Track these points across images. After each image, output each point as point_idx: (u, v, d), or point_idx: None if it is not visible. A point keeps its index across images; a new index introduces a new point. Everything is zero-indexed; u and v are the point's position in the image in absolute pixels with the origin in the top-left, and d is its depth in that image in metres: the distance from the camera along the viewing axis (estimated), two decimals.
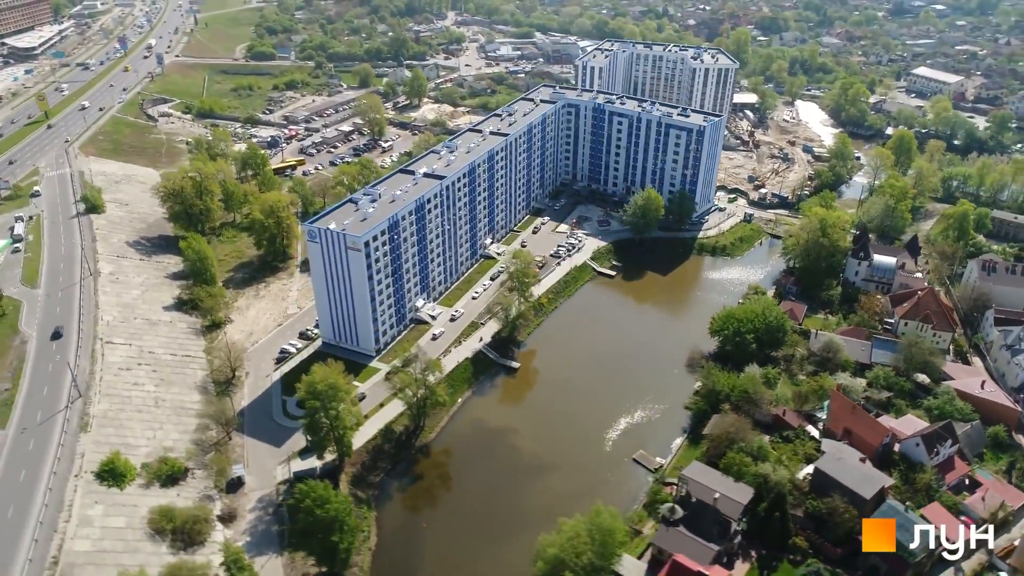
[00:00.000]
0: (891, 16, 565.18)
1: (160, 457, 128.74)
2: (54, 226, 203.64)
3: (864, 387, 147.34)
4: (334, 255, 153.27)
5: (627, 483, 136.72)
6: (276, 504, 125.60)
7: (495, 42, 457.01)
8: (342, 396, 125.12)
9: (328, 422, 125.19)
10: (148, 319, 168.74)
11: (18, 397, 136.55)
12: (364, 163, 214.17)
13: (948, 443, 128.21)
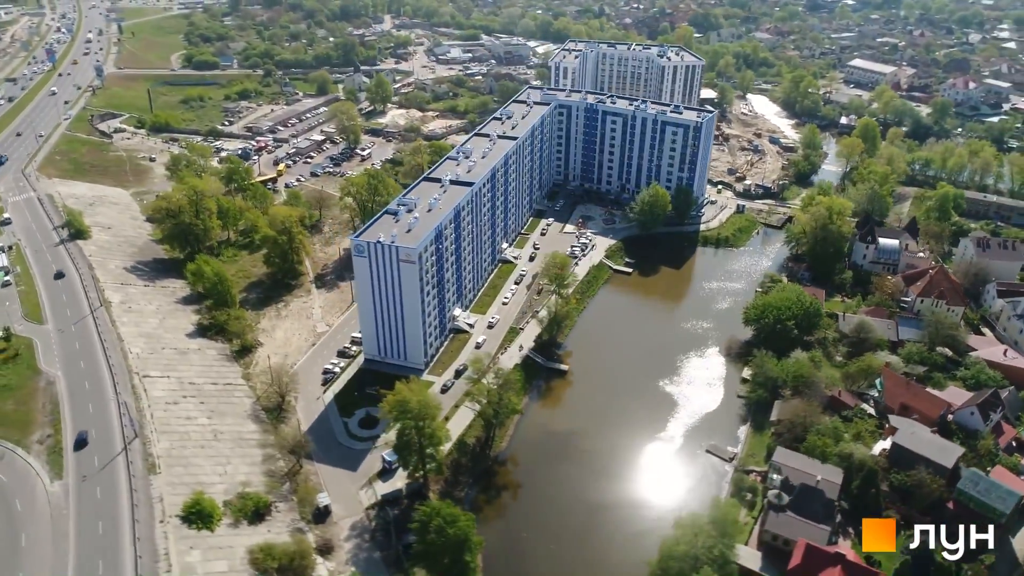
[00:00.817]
0: (808, 11, 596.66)
1: (239, 493, 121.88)
2: (39, 255, 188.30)
3: (903, 364, 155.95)
4: (384, 268, 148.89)
5: (706, 474, 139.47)
6: (371, 529, 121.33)
7: (443, 45, 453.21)
8: (434, 413, 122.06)
9: (420, 440, 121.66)
10: (176, 348, 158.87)
11: (65, 443, 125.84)
12: (372, 173, 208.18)
13: (999, 409, 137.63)
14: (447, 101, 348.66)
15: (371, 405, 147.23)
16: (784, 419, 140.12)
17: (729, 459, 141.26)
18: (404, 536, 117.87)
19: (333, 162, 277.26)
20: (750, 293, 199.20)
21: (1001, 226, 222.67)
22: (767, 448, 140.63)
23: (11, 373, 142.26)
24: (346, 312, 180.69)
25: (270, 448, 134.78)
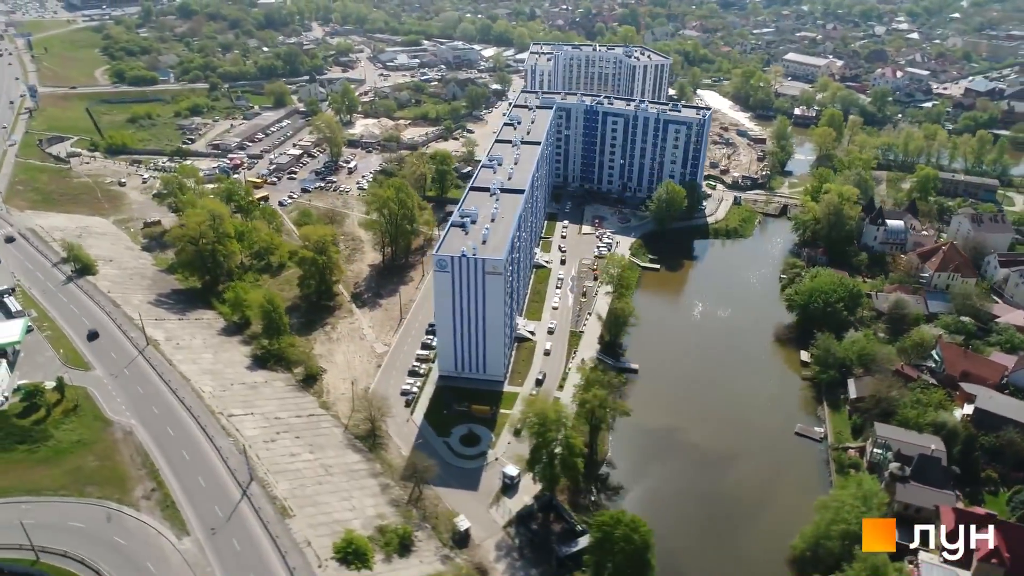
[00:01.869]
0: (722, 9, 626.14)
1: (377, 527, 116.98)
2: (51, 296, 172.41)
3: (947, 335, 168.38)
4: (468, 282, 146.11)
5: (803, 454, 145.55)
6: (517, 547, 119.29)
7: (387, 52, 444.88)
8: (567, 422, 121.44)
9: (558, 452, 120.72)
10: (244, 383, 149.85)
11: (175, 495, 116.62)
12: (398, 186, 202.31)
13: None
14: (413, 108, 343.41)
15: (469, 422, 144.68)
16: (867, 395, 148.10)
17: (819, 439, 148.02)
18: (561, 548, 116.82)
19: (319, 176, 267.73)
20: (773, 279, 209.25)
21: (973, 202, 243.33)
22: (851, 425, 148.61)
23: (79, 427, 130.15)
24: (399, 330, 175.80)
25: (382, 476, 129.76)
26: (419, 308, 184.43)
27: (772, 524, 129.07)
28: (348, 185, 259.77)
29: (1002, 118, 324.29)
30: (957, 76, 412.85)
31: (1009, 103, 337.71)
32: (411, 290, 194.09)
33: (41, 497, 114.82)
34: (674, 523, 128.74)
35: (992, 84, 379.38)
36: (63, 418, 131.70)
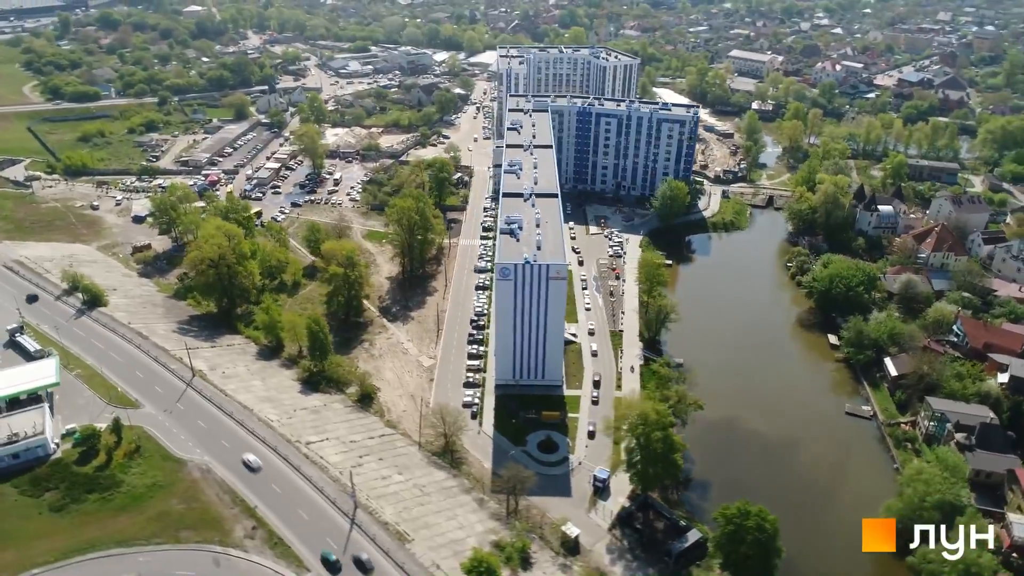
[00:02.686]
0: (653, 8, 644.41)
1: (492, 542, 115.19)
2: (66, 330, 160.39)
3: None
4: (531, 289, 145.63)
5: (858, 433, 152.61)
6: (628, 549, 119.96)
7: (336, 59, 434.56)
8: (671, 422, 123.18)
9: (658, 450, 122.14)
10: (305, 407, 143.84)
11: (283, 533, 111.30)
12: (417, 196, 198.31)
13: None
14: (382, 116, 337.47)
15: (541, 429, 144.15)
16: (909, 372, 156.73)
17: (869, 417, 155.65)
18: (673, 545, 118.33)
19: (304, 189, 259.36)
20: (777, 267, 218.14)
21: (941, 185, 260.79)
22: (896, 402, 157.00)
23: (149, 469, 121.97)
24: (440, 341, 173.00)
25: (474, 491, 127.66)
26: (452, 318, 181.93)
27: (849, 501, 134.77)
28: (338, 197, 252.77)
29: (939, 106, 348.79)
30: (885, 68, 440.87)
31: (943, 92, 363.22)
32: (439, 300, 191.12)
33: (134, 548, 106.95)
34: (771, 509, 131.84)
35: (921, 75, 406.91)
36: (127, 461, 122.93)
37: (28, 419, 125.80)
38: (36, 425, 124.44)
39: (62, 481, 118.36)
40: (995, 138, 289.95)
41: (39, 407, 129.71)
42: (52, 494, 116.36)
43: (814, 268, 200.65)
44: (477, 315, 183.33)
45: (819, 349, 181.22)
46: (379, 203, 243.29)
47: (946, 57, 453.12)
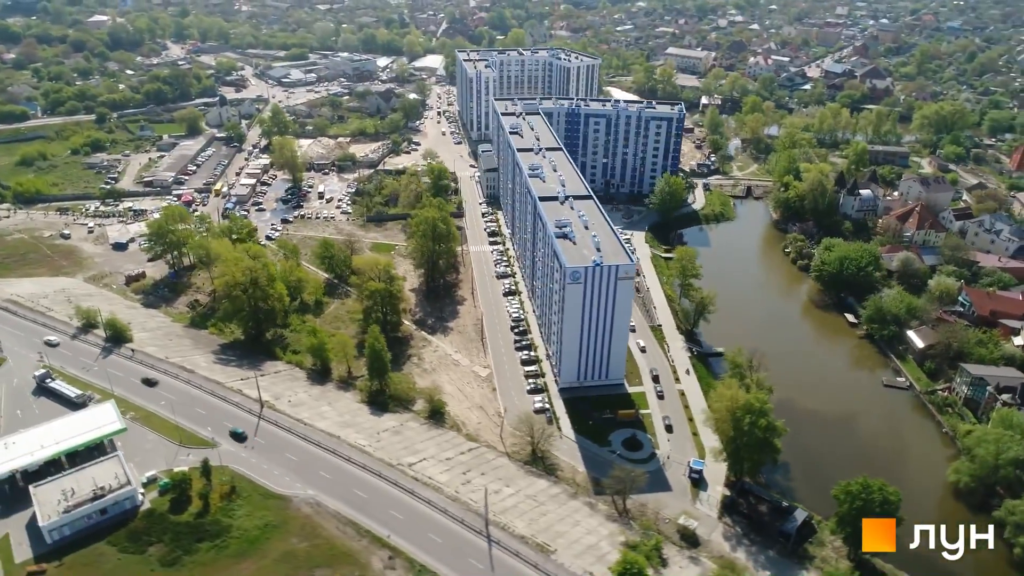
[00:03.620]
0: (574, 7, 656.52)
1: (622, 544, 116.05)
2: (97, 371, 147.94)
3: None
4: (601, 290, 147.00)
5: (899, 402, 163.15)
6: (742, 535, 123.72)
7: (277, 68, 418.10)
8: (771, 408, 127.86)
9: (761, 436, 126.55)
10: (384, 428, 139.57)
11: (423, 559, 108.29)
12: (439, 204, 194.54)
13: None
14: (343, 124, 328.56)
15: (621, 428, 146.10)
16: (936, 343, 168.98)
17: (906, 387, 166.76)
18: (785, 526, 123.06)
19: (288, 204, 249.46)
20: (777, 253, 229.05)
21: (897, 168, 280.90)
22: (925, 371, 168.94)
23: (254, 509, 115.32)
24: (487, 350, 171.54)
25: (581, 496, 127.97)
26: (489, 326, 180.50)
27: (913, 466, 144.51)
28: (328, 211, 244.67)
29: (869, 95, 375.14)
30: (807, 61, 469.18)
31: (871, 81, 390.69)
32: (471, 308, 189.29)
33: None
34: (833, 479, 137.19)
35: (843, 66, 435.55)
36: (226, 504, 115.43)
37: (107, 470, 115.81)
38: (118, 476, 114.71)
39: (164, 533, 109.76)
40: (931, 122, 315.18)
41: (113, 456, 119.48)
42: (157, 548, 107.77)
43: (816, 252, 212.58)
44: (515, 321, 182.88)
45: (838, 328, 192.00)
46: (376, 215, 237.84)
47: (859, 49, 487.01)
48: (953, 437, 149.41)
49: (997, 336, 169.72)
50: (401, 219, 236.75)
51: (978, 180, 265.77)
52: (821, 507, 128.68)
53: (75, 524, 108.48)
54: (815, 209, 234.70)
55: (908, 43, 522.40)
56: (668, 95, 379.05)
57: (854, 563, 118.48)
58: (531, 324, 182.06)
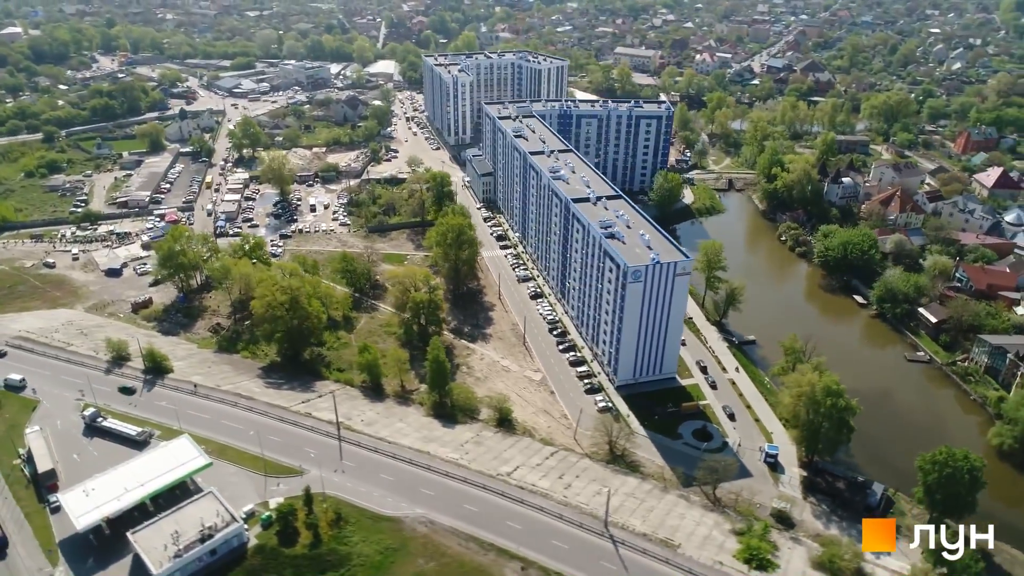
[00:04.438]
0: (511, 9, 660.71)
1: (728, 531, 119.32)
2: (146, 405, 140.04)
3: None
4: (659, 287, 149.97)
5: (923, 374, 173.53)
6: (829, 512, 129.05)
7: (225, 78, 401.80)
8: (844, 389, 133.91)
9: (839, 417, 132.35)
10: (464, 440, 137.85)
11: (550, 565, 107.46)
12: (462, 211, 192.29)
13: None
14: (313, 135, 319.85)
15: (689, 420, 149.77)
16: (949, 317, 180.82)
17: (927, 361, 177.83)
18: (868, 500, 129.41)
19: (280, 219, 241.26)
20: (772, 242, 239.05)
21: (859, 156, 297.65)
22: (941, 344, 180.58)
23: (368, 534, 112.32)
24: (533, 353, 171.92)
25: (673, 489, 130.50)
26: (526, 329, 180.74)
27: (954, 431, 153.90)
28: (326, 224, 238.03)
29: (814, 87, 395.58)
30: (746, 56, 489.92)
31: (813, 75, 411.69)
32: (503, 313, 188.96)
33: None
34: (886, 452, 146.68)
35: (782, 61, 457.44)
36: (337, 532, 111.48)
37: (206, 509, 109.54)
38: (220, 513, 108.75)
39: (283, 568, 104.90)
40: (879, 112, 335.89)
41: (207, 493, 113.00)
42: None
43: (814, 239, 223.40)
44: (551, 323, 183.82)
45: (849, 309, 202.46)
46: (378, 225, 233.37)
47: (791, 44, 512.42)
48: (983, 404, 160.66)
49: (1002, 308, 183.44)
50: (405, 228, 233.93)
51: (937, 164, 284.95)
52: (880, 479, 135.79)
53: (187, 568, 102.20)
54: (802, 198, 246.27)
55: (832, 38, 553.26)
56: (627, 94, 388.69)
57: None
58: (567, 325, 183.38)
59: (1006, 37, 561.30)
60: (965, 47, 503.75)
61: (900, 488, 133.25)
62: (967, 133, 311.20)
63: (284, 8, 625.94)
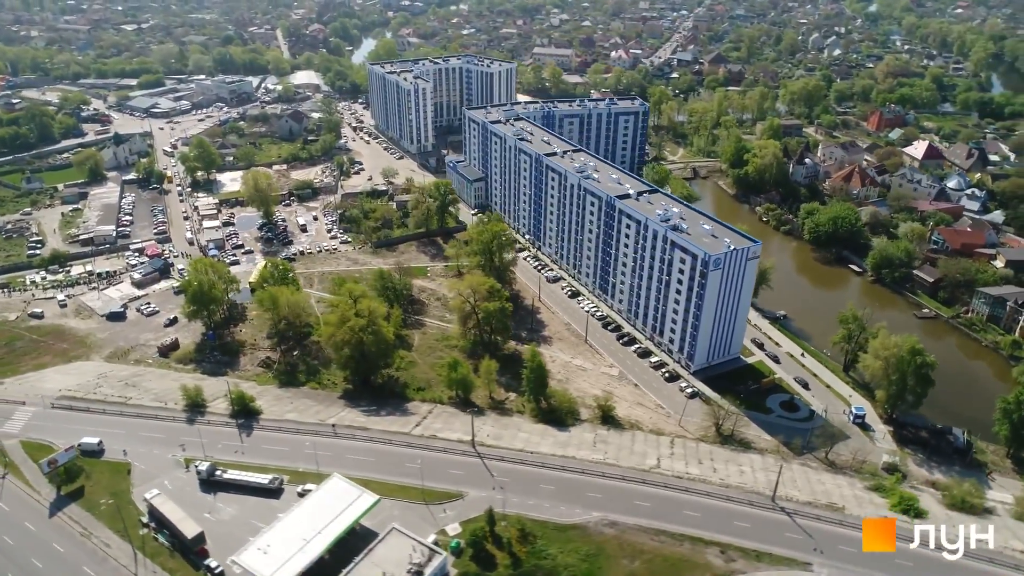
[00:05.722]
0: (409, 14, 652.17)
1: (866, 487, 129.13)
2: (255, 450, 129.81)
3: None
4: (732, 273, 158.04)
5: (935, 329, 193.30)
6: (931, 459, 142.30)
7: (138, 98, 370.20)
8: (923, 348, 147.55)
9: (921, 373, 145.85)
10: (591, 439, 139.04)
11: (752, 545, 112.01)
12: (496, 217, 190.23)
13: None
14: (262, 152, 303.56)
15: (770, 394, 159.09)
16: (944, 276, 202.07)
17: (933, 316, 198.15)
18: (958, 443, 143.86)
19: (271, 242, 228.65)
20: (753, 222, 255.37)
21: (797, 139, 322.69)
22: (939, 300, 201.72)
23: (562, 544, 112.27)
24: (599, 350, 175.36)
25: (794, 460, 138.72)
26: (582, 328, 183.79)
27: (980, 374, 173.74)
28: (324, 243, 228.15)
29: (728, 78, 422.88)
30: (651, 52, 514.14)
31: (725, 66, 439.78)
32: (550, 315, 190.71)
33: None
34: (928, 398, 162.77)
35: (689, 55, 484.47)
36: (530, 548, 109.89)
37: (397, 547, 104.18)
38: (417, 548, 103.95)
39: None
40: (798, 97, 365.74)
41: (391, 530, 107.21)
42: None
43: (799, 217, 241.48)
44: (601, 319, 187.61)
45: (848, 278, 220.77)
46: (385, 239, 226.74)
47: (689, 38, 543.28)
48: (995, 348, 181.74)
49: (985, 263, 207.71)
50: (412, 240, 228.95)
51: (869, 143, 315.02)
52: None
53: None
54: (775, 180, 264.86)
55: (719, 31, 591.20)
56: (562, 93, 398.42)
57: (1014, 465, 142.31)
58: (617, 320, 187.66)
59: (862, 26, 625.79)
60: (836, 35, 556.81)
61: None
62: (879, 112, 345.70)
63: (164, 20, 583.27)
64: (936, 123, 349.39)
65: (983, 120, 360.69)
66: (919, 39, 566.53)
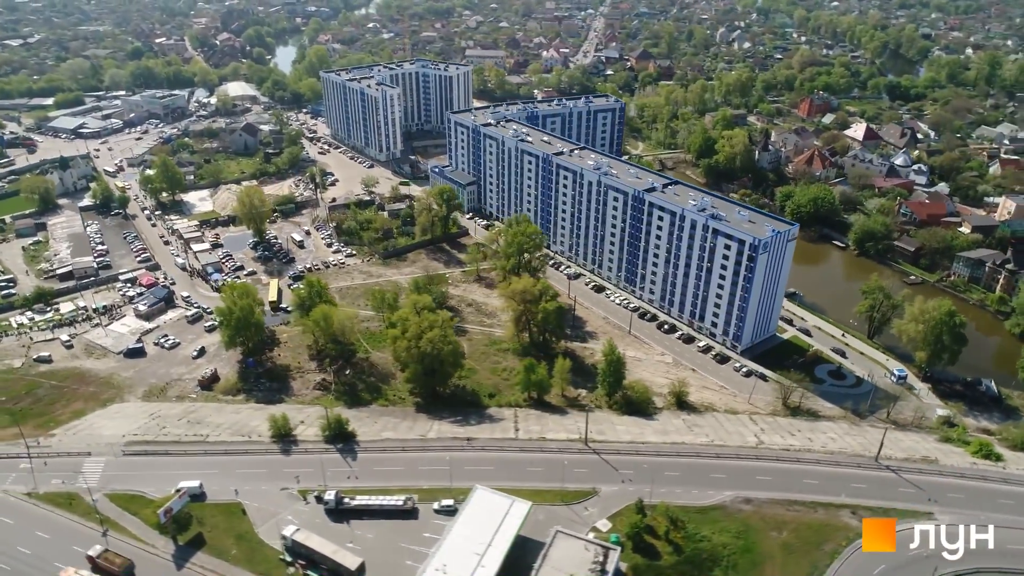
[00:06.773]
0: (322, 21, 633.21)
1: (939, 439, 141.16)
2: (368, 473, 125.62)
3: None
4: (775, 256, 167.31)
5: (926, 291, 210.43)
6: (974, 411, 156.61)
7: (60, 118, 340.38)
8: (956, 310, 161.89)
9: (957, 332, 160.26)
10: (680, 424, 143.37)
11: (877, 504, 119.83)
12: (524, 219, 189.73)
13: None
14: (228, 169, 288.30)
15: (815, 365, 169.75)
16: (922, 246, 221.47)
17: (920, 282, 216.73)
18: (988, 392, 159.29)
19: (267, 261, 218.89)
20: None
21: (746, 127, 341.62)
22: (921, 267, 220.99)
23: (711, 525, 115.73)
24: (642, 339, 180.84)
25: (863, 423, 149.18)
26: (620, 319, 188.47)
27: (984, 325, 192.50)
28: (329, 257, 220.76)
29: (661, 73, 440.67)
30: (575, 51, 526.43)
31: (655, 62, 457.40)
32: (583, 310, 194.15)
33: None
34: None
35: (612, 52, 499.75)
36: (684, 533, 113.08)
37: (567, 548, 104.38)
38: (589, 548, 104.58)
39: None
40: (733, 88, 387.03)
41: (556, 534, 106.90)
42: None
43: (776, 200, 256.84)
44: (634, 310, 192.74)
45: (832, 253, 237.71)
46: (393, 250, 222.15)
47: (609, 36, 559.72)
48: (982, 305, 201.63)
49: (955, 231, 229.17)
50: (421, 248, 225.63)
51: (811, 128, 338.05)
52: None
53: None
54: (745, 167, 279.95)
55: (631, 28, 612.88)
56: (508, 94, 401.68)
57: None
58: (651, 310, 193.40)
59: (757, 20, 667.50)
60: (740, 30, 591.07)
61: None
62: (809, 99, 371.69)
63: (52, 34, 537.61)
64: (857, 107, 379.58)
65: (894, 102, 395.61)
66: (811, 31, 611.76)
